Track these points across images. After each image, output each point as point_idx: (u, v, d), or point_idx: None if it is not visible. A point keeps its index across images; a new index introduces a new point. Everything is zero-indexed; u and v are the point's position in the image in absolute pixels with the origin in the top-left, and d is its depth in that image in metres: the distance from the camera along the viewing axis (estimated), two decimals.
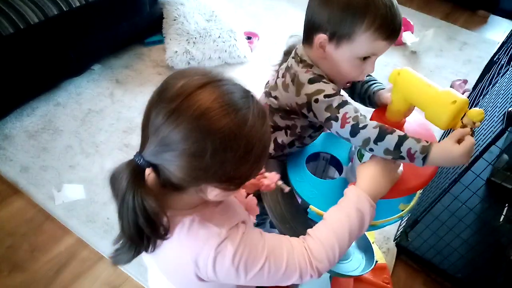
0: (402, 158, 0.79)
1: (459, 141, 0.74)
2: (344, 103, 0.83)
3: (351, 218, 0.75)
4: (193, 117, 0.58)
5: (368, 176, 0.79)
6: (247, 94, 0.64)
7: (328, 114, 0.84)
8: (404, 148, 0.78)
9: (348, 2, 0.82)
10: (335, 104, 0.83)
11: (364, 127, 0.80)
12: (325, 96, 0.84)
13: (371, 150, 0.81)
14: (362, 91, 1.03)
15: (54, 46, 1.87)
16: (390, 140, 0.79)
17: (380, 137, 0.79)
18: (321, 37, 0.86)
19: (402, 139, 0.78)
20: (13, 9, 1.70)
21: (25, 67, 1.81)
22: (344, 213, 0.76)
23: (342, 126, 0.82)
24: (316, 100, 0.85)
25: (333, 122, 0.83)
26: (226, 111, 0.59)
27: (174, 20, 2.29)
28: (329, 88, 0.85)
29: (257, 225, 1.42)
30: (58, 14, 1.79)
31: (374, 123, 0.81)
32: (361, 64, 0.88)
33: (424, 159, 0.77)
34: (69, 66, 2.00)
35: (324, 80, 0.87)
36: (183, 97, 0.59)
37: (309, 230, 0.75)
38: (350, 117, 0.81)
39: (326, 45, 0.87)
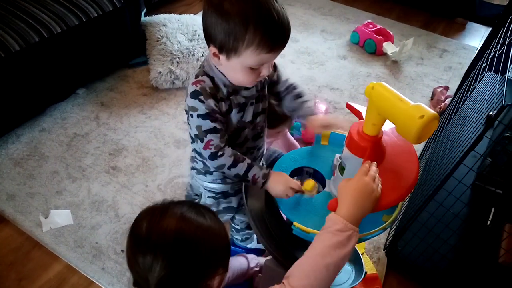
0: (248, 182, 0.97)
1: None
2: (212, 130, 0.94)
3: (333, 252, 0.73)
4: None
5: (348, 201, 0.77)
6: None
7: (197, 133, 0.96)
8: (250, 174, 0.95)
9: (228, 18, 0.84)
10: (204, 128, 0.95)
11: (222, 155, 0.94)
12: (198, 115, 0.94)
13: (223, 172, 0.97)
14: (292, 106, 1.12)
15: (37, 73, 1.87)
16: (242, 168, 0.95)
17: (233, 165, 0.95)
18: (213, 49, 0.92)
19: (250, 166, 0.96)
20: None
21: (8, 94, 1.80)
22: (326, 248, 0.73)
23: (204, 149, 0.95)
24: (192, 115, 0.96)
25: (199, 141, 0.96)
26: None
27: (157, 41, 2.31)
28: (203, 108, 0.94)
29: (242, 241, 1.42)
30: (39, 40, 1.79)
31: (230, 151, 0.95)
32: (255, 70, 0.93)
33: (264, 183, 0.96)
34: (53, 91, 2.00)
35: (201, 97, 0.94)
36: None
37: (292, 271, 0.76)
38: (213, 145, 0.94)
39: (219, 55, 0.92)
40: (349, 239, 0.74)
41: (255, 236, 1.45)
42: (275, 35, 0.85)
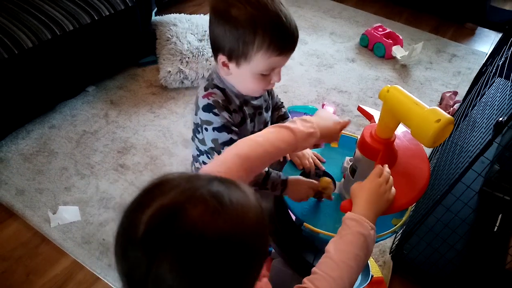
0: (266, 189, 0.93)
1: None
2: (229, 142, 0.92)
3: (355, 243, 0.71)
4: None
5: (363, 200, 0.77)
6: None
7: (213, 146, 0.94)
8: (269, 183, 0.93)
9: (236, 24, 0.84)
10: (221, 140, 0.93)
11: None
12: (214, 129, 0.93)
13: None
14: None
15: (48, 70, 1.88)
16: (259, 177, 0.91)
17: None
18: (222, 58, 0.91)
19: (267, 175, 0.93)
20: (7, 34, 1.73)
21: (20, 91, 1.82)
22: (347, 241, 0.72)
23: None
24: (206, 129, 0.94)
25: (215, 154, 0.93)
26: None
27: (167, 40, 2.32)
28: (218, 121, 0.92)
29: None
30: (51, 38, 1.81)
31: None
32: (266, 76, 0.92)
33: (283, 190, 0.93)
34: (63, 88, 2.02)
35: (215, 110, 0.92)
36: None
37: (315, 269, 0.69)
38: None
39: (229, 64, 0.91)
40: (370, 234, 0.73)
41: None
42: (284, 36, 0.86)
